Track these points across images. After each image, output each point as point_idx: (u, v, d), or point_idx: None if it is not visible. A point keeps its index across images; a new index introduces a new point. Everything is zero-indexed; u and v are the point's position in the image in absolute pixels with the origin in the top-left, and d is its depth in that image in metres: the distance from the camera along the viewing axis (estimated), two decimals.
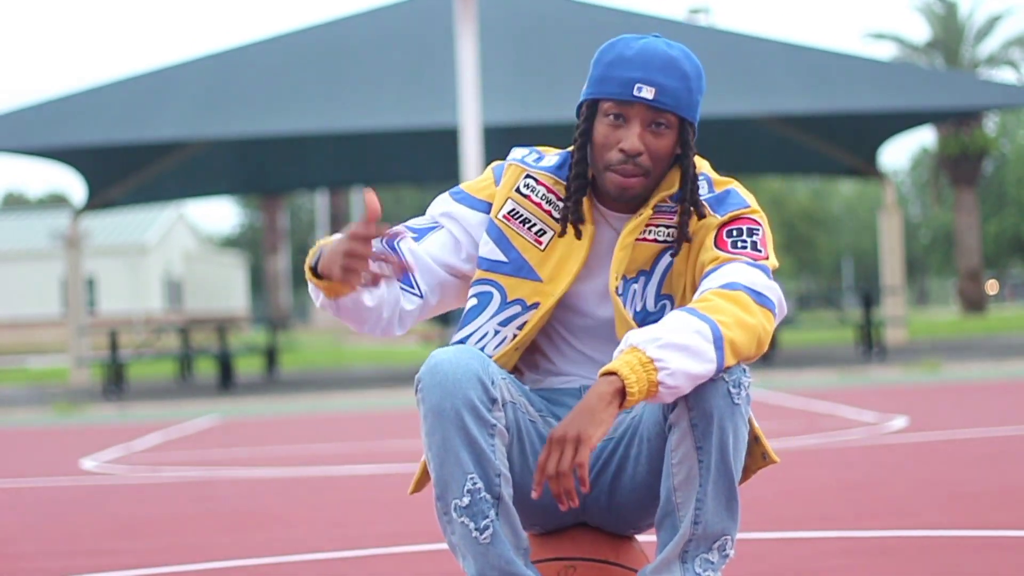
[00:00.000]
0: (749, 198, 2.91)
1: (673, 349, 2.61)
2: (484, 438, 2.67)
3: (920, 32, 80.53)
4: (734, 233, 2.84)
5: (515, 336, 2.88)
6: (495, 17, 17.80)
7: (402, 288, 2.87)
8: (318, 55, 18.91)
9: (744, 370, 2.74)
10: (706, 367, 2.64)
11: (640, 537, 3.13)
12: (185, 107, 18.10)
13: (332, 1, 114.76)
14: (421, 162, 23.22)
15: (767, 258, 2.82)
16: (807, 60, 18.83)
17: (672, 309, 2.87)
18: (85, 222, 23.21)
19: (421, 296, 2.90)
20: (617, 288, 2.86)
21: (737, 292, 2.72)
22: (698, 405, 2.69)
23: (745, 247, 2.82)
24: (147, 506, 6.12)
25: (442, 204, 2.94)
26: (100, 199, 21.60)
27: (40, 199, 76.76)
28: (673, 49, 2.88)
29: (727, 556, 2.76)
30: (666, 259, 2.87)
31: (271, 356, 20.66)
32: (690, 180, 2.86)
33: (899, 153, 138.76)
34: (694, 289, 2.86)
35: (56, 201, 71.24)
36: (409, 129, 18.61)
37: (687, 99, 2.85)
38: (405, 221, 2.98)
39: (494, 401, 2.69)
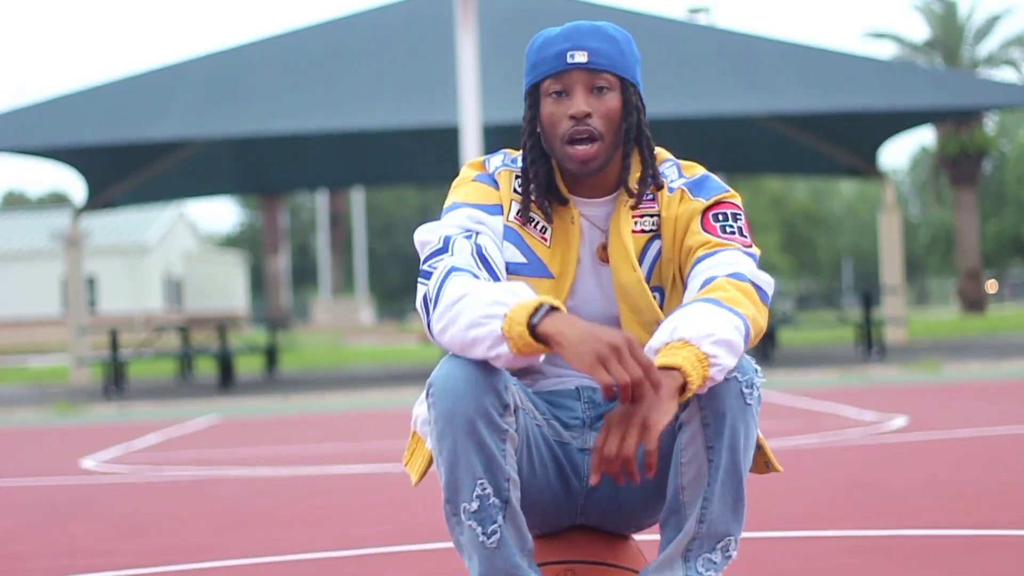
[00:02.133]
0: (725, 184, 2.94)
1: (723, 346, 2.63)
2: (496, 444, 2.66)
3: (919, 32, 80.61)
4: (720, 217, 2.87)
5: None
6: (495, 17, 17.80)
7: None
8: (318, 55, 18.91)
9: (756, 370, 2.75)
10: (736, 361, 2.68)
11: (640, 537, 3.13)
12: (185, 107, 18.09)
13: (332, 1, 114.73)
14: (421, 162, 23.23)
15: (751, 245, 2.87)
16: (807, 60, 18.83)
17: (661, 300, 2.89)
18: (85, 222, 23.20)
19: None
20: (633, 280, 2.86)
21: (745, 284, 2.76)
22: (711, 404, 2.70)
23: (734, 233, 2.86)
24: (147, 506, 6.12)
25: (463, 214, 2.87)
26: (101, 199, 21.60)
27: (40, 199, 76.75)
28: (596, 22, 2.93)
29: (729, 557, 2.77)
30: (654, 248, 2.89)
31: (271, 356, 20.66)
32: (645, 139, 2.88)
33: (899, 153, 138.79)
34: (682, 276, 2.88)
35: (56, 201, 71.24)
36: (409, 129, 18.61)
37: (621, 60, 2.87)
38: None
39: (507, 407, 2.68)
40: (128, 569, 4.28)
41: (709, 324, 2.63)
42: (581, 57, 2.84)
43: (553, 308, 2.59)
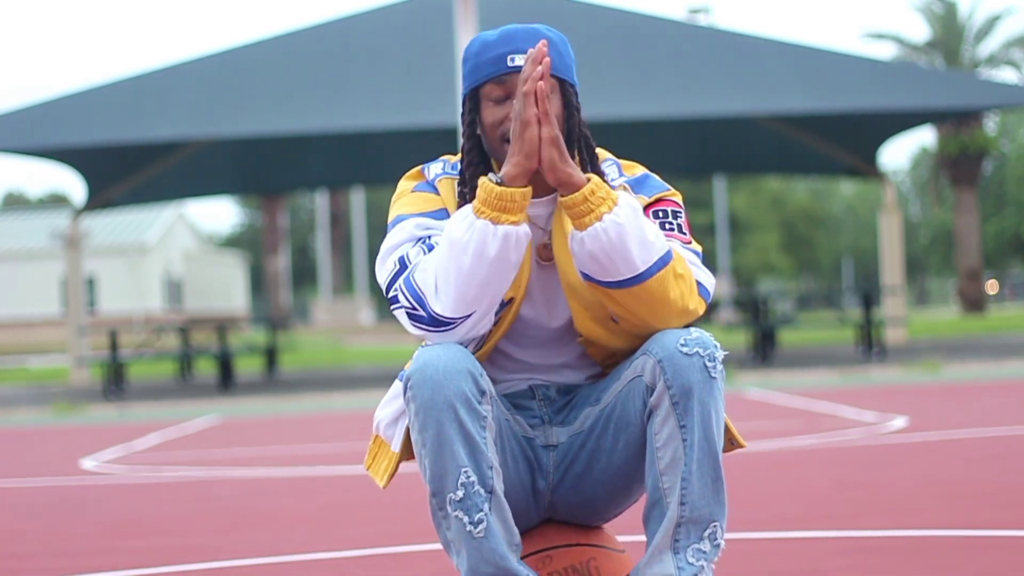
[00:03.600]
0: (665, 183, 2.99)
1: (636, 222, 2.73)
2: (477, 430, 2.69)
3: (920, 32, 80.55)
4: (660, 215, 2.91)
5: (488, 335, 2.88)
6: (495, 17, 17.80)
7: None
8: (318, 55, 18.91)
9: (716, 345, 2.78)
10: (638, 267, 2.72)
11: (626, 539, 3.12)
12: (185, 107, 18.09)
13: (332, 1, 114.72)
14: (421, 162, 23.19)
15: (692, 241, 2.91)
16: (807, 60, 18.83)
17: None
18: (85, 222, 23.20)
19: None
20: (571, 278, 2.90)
21: (686, 272, 2.81)
22: (676, 381, 2.74)
23: (674, 229, 2.89)
24: (147, 506, 6.12)
25: (410, 224, 2.89)
26: (100, 199, 21.60)
27: (40, 199, 76.76)
28: (533, 24, 2.97)
29: (718, 546, 2.77)
30: None
31: (271, 356, 20.66)
32: (584, 138, 2.93)
33: (899, 153, 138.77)
34: None
35: (56, 201, 71.24)
36: (409, 129, 18.61)
37: (560, 62, 2.89)
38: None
39: (483, 393, 2.72)
40: (128, 569, 4.28)
41: (643, 218, 2.76)
42: (521, 60, 2.87)
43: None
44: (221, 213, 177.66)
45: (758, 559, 3.93)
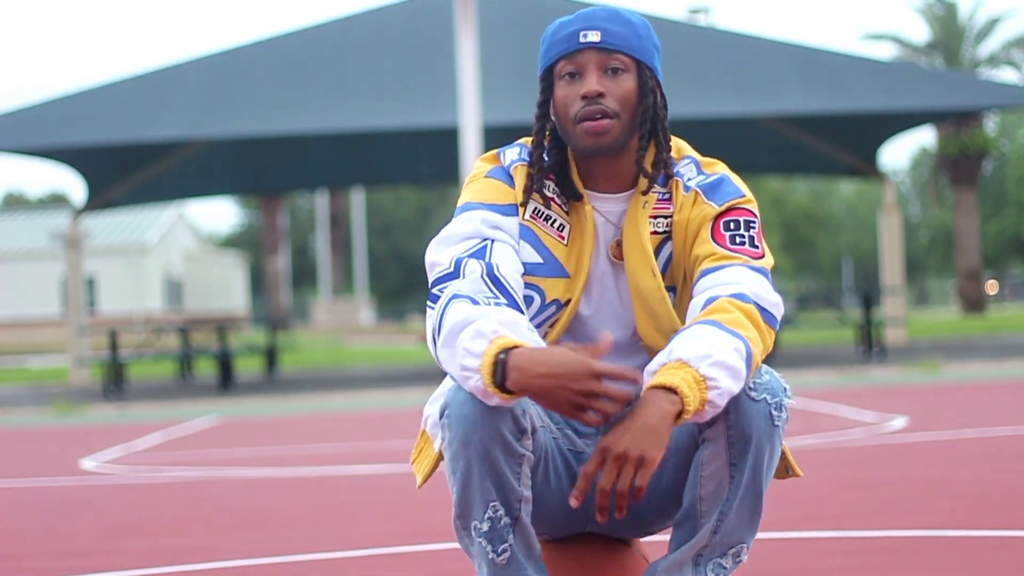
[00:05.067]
0: (742, 186, 2.86)
1: (722, 368, 2.55)
2: (511, 469, 2.60)
3: (920, 33, 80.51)
4: (731, 226, 2.78)
5: (545, 336, 2.79)
6: (495, 17, 17.79)
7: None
8: (318, 55, 18.90)
9: (786, 390, 2.69)
10: (739, 386, 2.60)
11: (646, 538, 3.11)
12: (185, 107, 18.08)
13: (332, 1, 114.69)
14: (421, 162, 23.21)
15: (764, 256, 2.77)
16: (807, 60, 18.82)
17: (674, 299, 2.82)
18: (85, 222, 23.19)
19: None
20: (655, 286, 2.78)
21: (749, 306, 2.67)
22: (738, 425, 2.64)
23: (744, 243, 2.76)
24: (147, 506, 6.11)
25: (478, 217, 2.76)
26: (100, 199, 21.59)
27: (40, 199, 76.75)
28: (615, 7, 2.84)
29: (740, 562, 2.74)
30: (666, 251, 2.81)
31: (271, 356, 20.65)
32: (661, 127, 2.79)
33: (899, 153, 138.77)
34: (689, 278, 2.80)
35: (56, 201, 71.23)
36: (409, 129, 18.60)
37: (638, 43, 2.76)
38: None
39: (523, 432, 2.61)
40: (128, 570, 4.27)
41: (708, 345, 2.56)
42: (594, 36, 2.74)
43: (510, 350, 2.48)
44: (221, 213, 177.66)
45: (758, 559, 3.93)
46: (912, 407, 9.87)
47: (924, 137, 79.50)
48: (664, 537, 2.85)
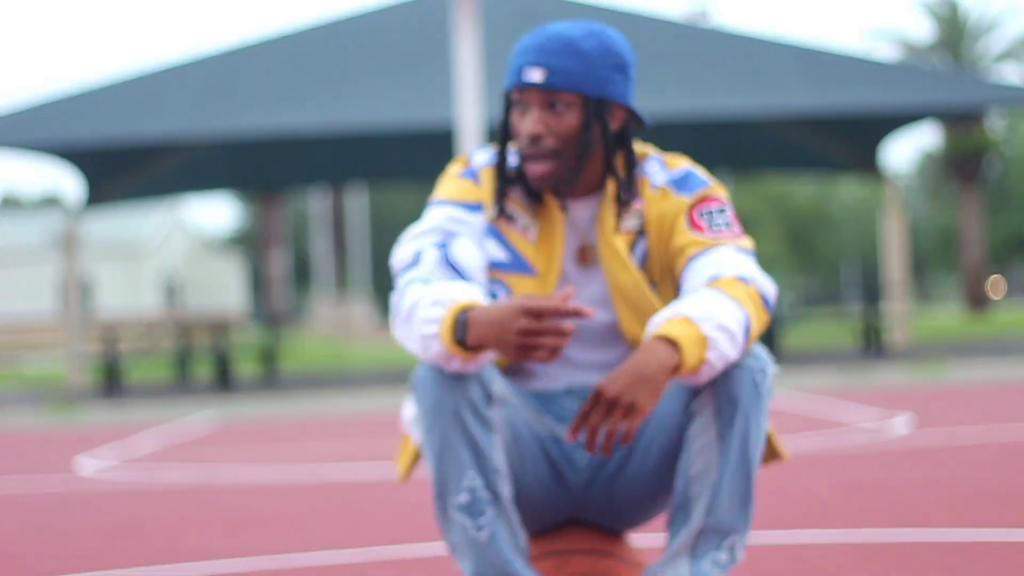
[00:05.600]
0: (708, 176, 2.93)
1: (723, 332, 2.62)
2: (482, 435, 2.66)
3: (924, 31, 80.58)
4: (706, 213, 2.86)
5: None
6: (495, 17, 17.77)
7: None
8: (318, 55, 18.89)
9: (769, 361, 2.74)
10: (736, 355, 2.67)
11: (642, 541, 3.09)
12: (185, 106, 18.07)
13: (332, 1, 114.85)
14: (421, 161, 23.21)
15: (742, 236, 2.86)
16: (809, 60, 18.80)
17: (658, 295, 2.89)
18: (82, 222, 23.16)
19: None
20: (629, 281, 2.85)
21: (752, 289, 2.74)
22: (723, 391, 2.69)
23: (722, 227, 2.84)
24: (144, 507, 6.09)
25: (443, 213, 2.88)
26: (99, 196, 21.57)
27: (36, 201, 76.85)
28: (575, 30, 2.84)
29: (735, 559, 2.74)
30: (641, 247, 2.89)
31: (270, 356, 20.64)
32: (624, 148, 2.86)
33: (904, 153, 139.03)
34: (671, 273, 2.87)
35: (51, 202, 71.33)
36: (409, 129, 18.59)
37: (585, 77, 2.79)
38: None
39: (491, 397, 2.68)
40: (125, 570, 4.25)
41: (713, 308, 2.63)
42: (537, 76, 2.80)
43: (470, 308, 2.60)
44: (220, 213, 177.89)
45: (759, 560, 3.90)
46: (915, 407, 9.84)
47: (928, 137, 79.59)
48: (659, 543, 2.82)
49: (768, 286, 2.77)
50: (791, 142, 22.37)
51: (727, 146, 22.65)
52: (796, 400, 11.21)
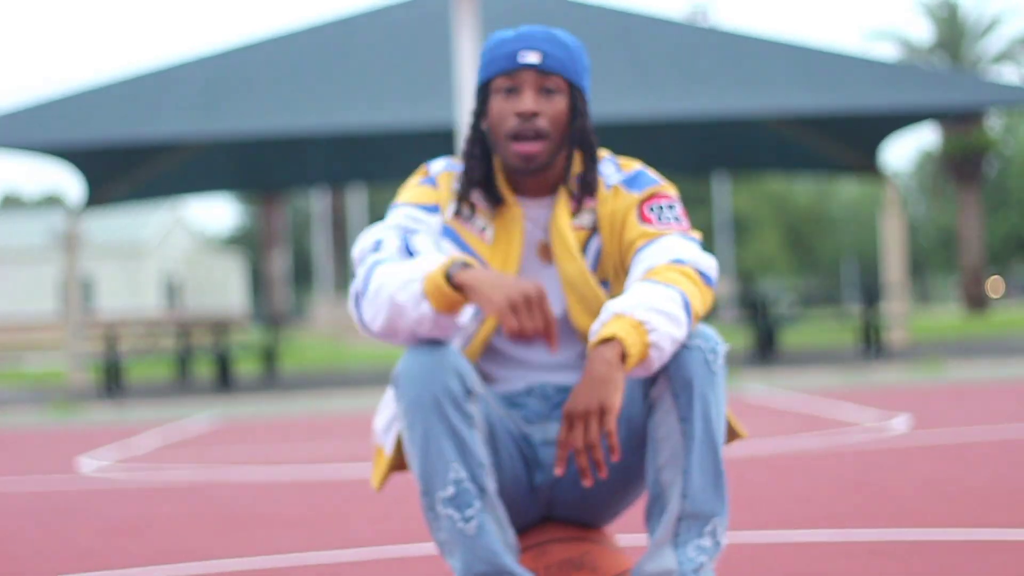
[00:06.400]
0: (659, 177, 3.01)
1: (656, 313, 2.68)
2: (464, 428, 2.70)
3: (923, 32, 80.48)
4: (655, 208, 2.94)
5: (474, 333, 2.94)
6: (495, 17, 17.77)
7: None
8: (318, 55, 18.88)
9: (718, 339, 2.78)
10: (682, 332, 2.72)
11: (627, 542, 3.09)
12: (185, 106, 18.07)
13: (332, 1, 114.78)
14: (421, 161, 23.20)
15: (689, 229, 2.94)
16: (808, 60, 18.80)
17: (608, 293, 2.95)
18: (83, 222, 23.16)
19: None
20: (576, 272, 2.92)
21: (686, 267, 2.82)
22: (678, 374, 2.74)
23: (670, 220, 2.92)
24: (144, 507, 6.09)
25: (404, 213, 2.96)
26: (99, 196, 21.56)
27: (37, 200, 76.80)
28: (552, 28, 2.99)
29: (719, 544, 2.77)
30: (595, 245, 2.96)
31: (270, 356, 20.63)
32: (588, 145, 2.95)
33: (903, 153, 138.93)
34: (624, 269, 2.94)
35: (52, 202, 71.29)
36: (409, 129, 18.58)
37: (572, 65, 2.93)
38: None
39: (470, 392, 2.73)
40: (125, 569, 4.25)
41: (642, 296, 2.70)
42: (534, 58, 2.90)
43: (467, 265, 2.70)
44: (220, 213, 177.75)
45: (759, 560, 3.91)
46: (914, 407, 9.85)
47: (927, 137, 79.54)
48: (642, 542, 2.83)
49: (707, 262, 2.84)
50: (791, 142, 22.36)
51: (727, 146, 22.64)
52: (796, 400, 11.21)
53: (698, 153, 22.91)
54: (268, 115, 17.90)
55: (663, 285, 2.74)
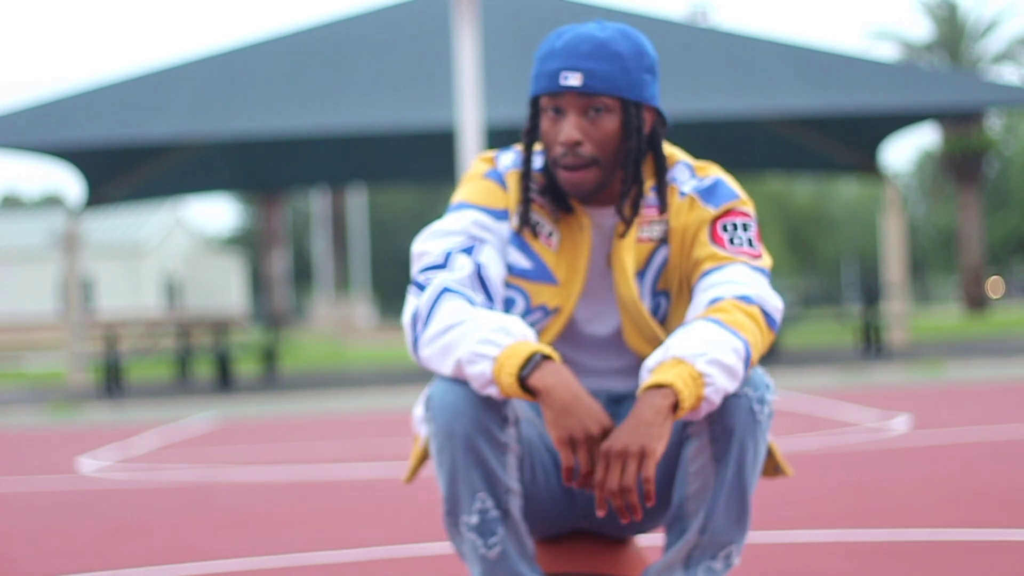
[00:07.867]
0: (737, 187, 2.87)
1: (717, 366, 2.57)
2: (496, 458, 2.63)
3: (923, 31, 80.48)
4: (729, 228, 2.79)
5: (538, 332, 2.85)
6: (495, 17, 17.76)
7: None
8: (318, 55, 18.87)
9: (768, 386, 2.69)
10: (736, 385, 2.62)
11: (644, 540, 3.09)
12: (185, 106, 18.06)
13: (332, 1, 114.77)
14: (421, 162, 23.20)
15: (761, 256, 2.79)
16: (808, 60, 18.79)
17: (667, 305, 2.85)
18: (83, 222, 23.16)
19: None
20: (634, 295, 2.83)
21: (753, 308, 2.69)
22: (720, 420, 2.65)
23: (742, 244, 2.78)
24: (145, 507, 6.08)
25: (470, 217, 2.80)
26: (99, 197, 21.56)
27: (37, 201, 76.78)
28: (605, 31, 2.76)
29: (731, 564, 2.74)
30: (660, 255, 2.84)
31: (270, 356, 20.62)
32: (632, 159, 2.77)
33: (903, 153, 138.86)
34: (688, 285, 2.83)
35: (52, 202, 71.27)
36: (409, 129, 18.57)
37: (623, 79, 2.73)
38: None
39: (506, 420, 2.64)
40: (125, 569, 4.25)
41: (706, 344, 2.58)
42: (575, 80, 2.72)
43: (546, 357, 2.56)
44: (220, 213, 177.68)
45: (759, 560, 3.90)
46: (914, 407, 9.84)
47: (927, 137, 79.52)
48: (660, 539, 2.83)
49: (773, 302, 2.71)
50: (791, 142, 22.36)
51: (727, 146, 22.63)
52: (796, 400, 11.21)
53: (698, 153, 22.88)
54: (268, 115, 17.89)
55: (729, 331, 2.60)
